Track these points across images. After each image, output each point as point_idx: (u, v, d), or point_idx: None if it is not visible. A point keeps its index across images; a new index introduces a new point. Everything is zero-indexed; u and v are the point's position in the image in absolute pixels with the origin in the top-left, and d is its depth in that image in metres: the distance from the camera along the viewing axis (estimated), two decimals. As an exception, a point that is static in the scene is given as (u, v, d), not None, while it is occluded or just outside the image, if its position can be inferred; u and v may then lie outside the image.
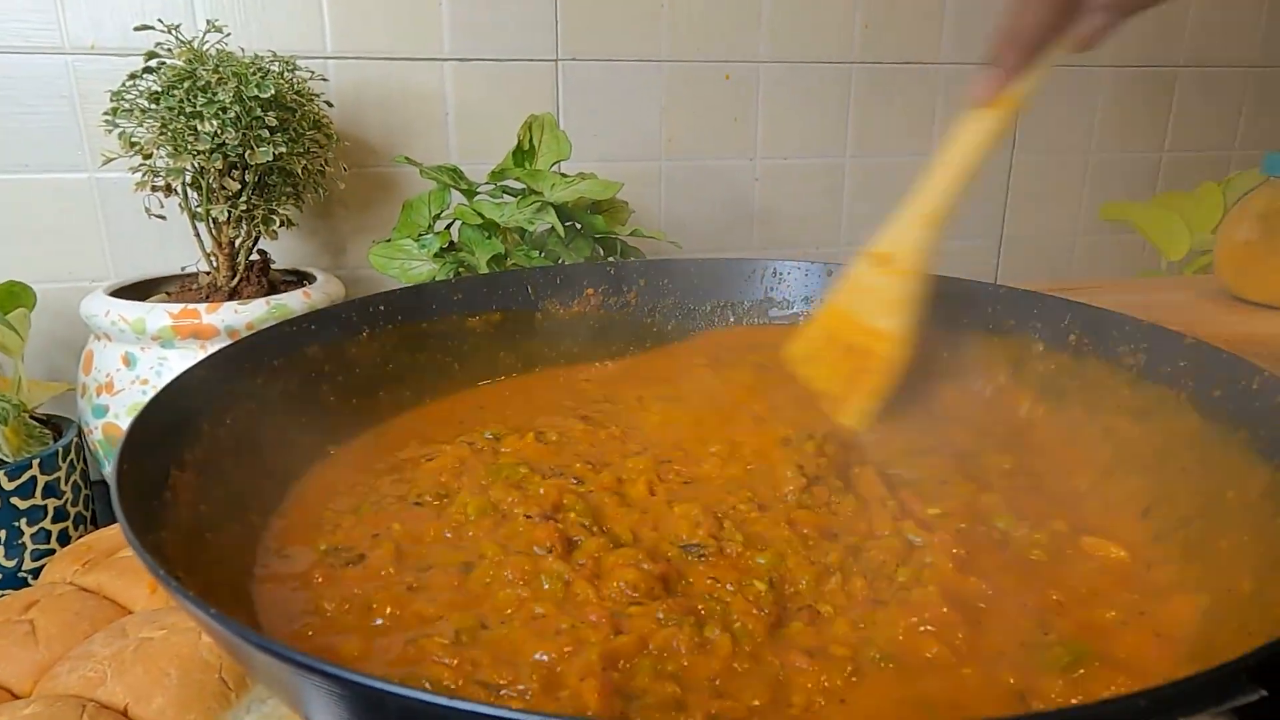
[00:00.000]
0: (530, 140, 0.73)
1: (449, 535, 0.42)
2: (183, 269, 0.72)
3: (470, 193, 0.72)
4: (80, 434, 0.64)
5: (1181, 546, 0.39)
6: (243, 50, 0.65)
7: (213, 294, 0.67)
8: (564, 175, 0.71)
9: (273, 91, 0.61)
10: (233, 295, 0.67)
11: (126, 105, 0.61)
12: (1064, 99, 0.98)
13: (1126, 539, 0.41)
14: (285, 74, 0.64)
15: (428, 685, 0.31)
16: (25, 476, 0.57)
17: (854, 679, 0.32)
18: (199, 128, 0.60)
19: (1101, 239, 1.06)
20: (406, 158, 0.74)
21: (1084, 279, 0.99)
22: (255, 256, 0.70)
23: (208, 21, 0.64)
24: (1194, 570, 0.38)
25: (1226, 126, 1.05)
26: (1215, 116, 1.05)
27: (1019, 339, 0.54)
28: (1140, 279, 1.02)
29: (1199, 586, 0.37)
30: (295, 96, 0.65)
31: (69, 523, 0.60)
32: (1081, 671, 0.32)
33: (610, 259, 0.74)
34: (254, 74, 0.61)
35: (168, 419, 0.39)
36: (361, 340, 0.55)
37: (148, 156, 0.62)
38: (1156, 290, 0.86)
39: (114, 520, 0.55)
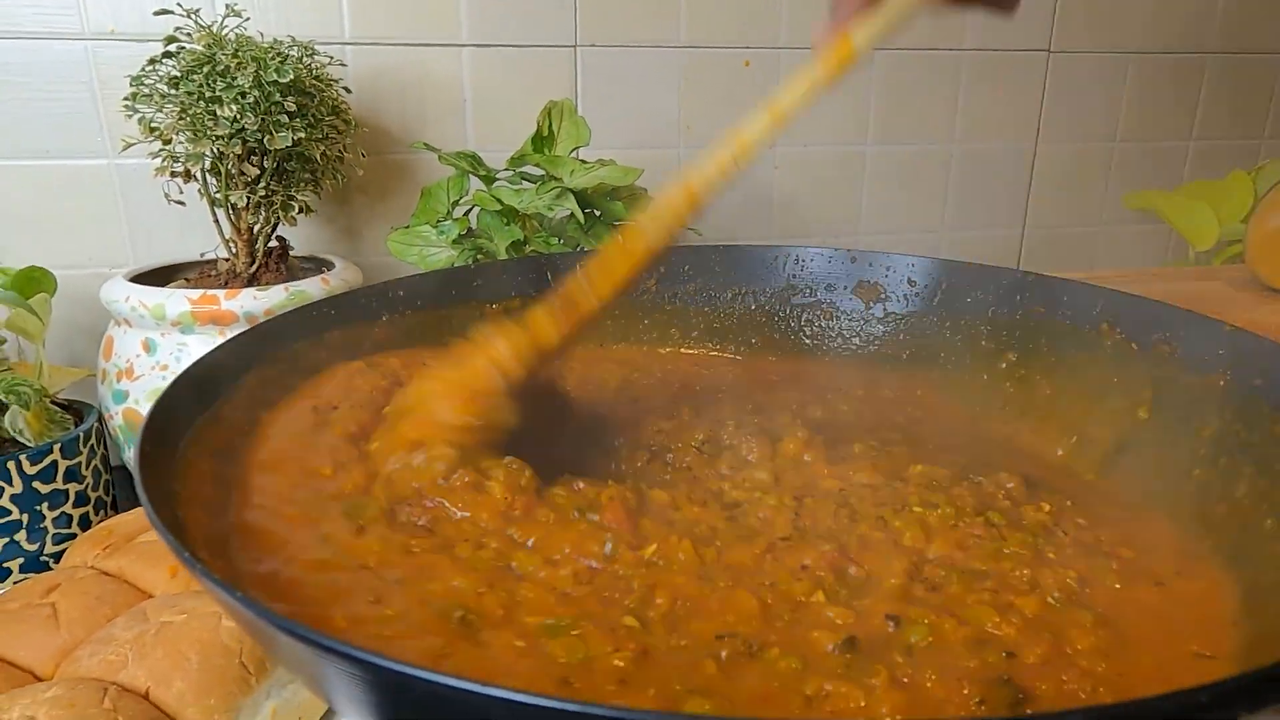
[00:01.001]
0: (549, 126, 0.72)
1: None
2: (202, 255, 0.72)
3: (489, 179, 0.72)
4: (101, 419, 0.64)
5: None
6: (261, 35, 0.65)
7: (232, 280, 0.67)
8: (583, 161, 0.70)
9: (291, 76, 0.61)
10: (251, 281, 0.66)
11: (146, 90, 0.61)
12: (1089, 86, 0.97)
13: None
14: (304, 59, 0.64)
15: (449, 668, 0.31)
16: (46, 461, 0.57)
17: None
18: (218, 112, 0.59)
19: (1127, 229, 1.04)
20: (425, 144, 0.74)
21: (1110, 269, 0.97)
22: (274, 243, 0.69)
23: (226, 6, 0.64)
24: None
25: (1256, 114, 1.03)
26: (1244, 103, 1.02)
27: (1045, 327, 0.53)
28: (1168, 268, 1.00)
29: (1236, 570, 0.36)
30: (314, 82, 0.65)
31: (90, 507, 0.60)
32: None
33: (629, 246, 0.73)
34: (273, 59, 0.61)
35: (189, 402, 0.39)
36: (380, 326, 0.54)
37: (167, 142, 0.62)
38: (1185, 280, 0.84)
39: (135, 505, 0.55)
